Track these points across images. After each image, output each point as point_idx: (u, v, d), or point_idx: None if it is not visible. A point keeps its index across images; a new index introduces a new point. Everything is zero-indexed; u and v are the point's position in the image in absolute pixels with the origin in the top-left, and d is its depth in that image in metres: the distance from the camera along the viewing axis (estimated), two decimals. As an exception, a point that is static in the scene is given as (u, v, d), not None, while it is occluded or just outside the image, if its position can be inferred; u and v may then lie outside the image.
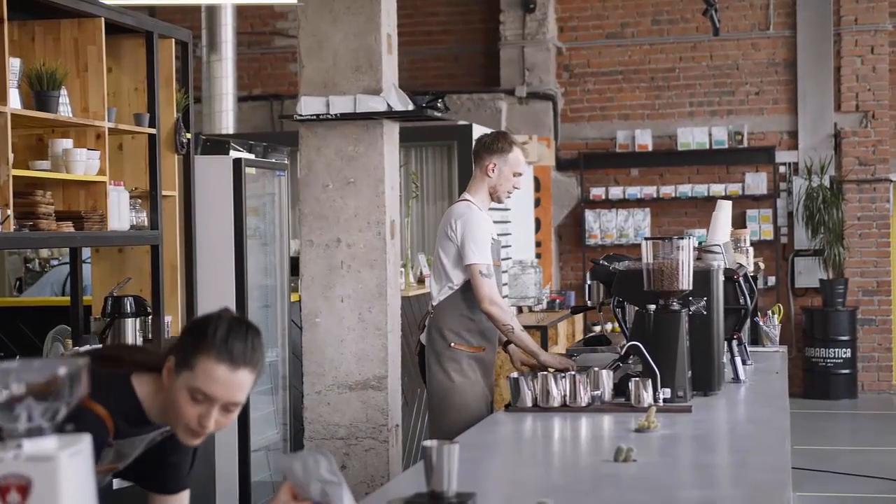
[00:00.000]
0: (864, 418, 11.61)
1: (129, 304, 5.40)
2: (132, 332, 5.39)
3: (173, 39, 5.87)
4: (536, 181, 12.36)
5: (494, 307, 5.08)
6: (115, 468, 2.75)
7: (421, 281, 8.17)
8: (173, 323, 5.83)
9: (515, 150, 5.29)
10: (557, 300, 11.15)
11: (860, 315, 12.44)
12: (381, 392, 5.79)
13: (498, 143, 5.30)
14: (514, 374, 4.37)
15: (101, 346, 4.99)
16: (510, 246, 10.62)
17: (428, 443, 2.74)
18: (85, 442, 1.82)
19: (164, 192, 5.71)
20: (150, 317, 5.55)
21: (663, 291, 4.42)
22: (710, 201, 12.47)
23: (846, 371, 12.21)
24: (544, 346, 9.08)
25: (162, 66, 5.68)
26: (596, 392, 4.29)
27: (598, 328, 12.12)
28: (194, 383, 2.56)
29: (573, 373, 4.34)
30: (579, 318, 11.32)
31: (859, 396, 12.31)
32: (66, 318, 5.67)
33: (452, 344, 5.19)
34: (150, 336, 5.59)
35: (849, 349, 12.19)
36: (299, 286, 5.82)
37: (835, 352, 12.17)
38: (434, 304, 5.30)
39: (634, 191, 12.79)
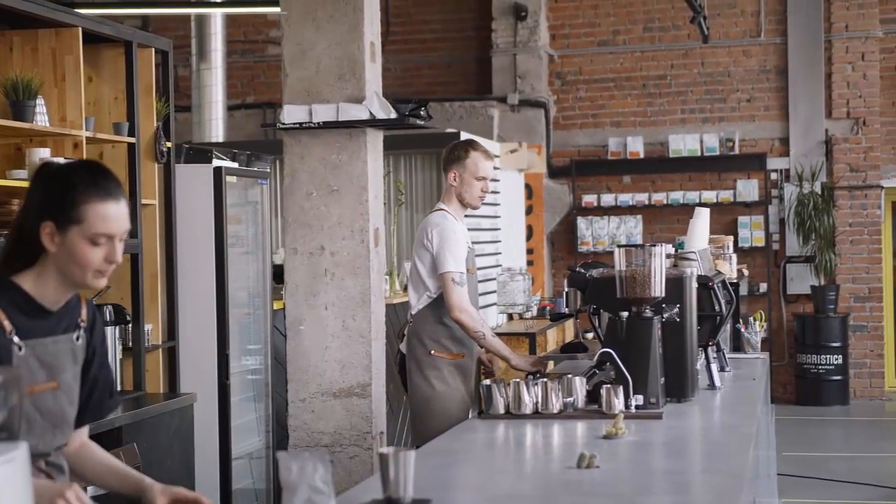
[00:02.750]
0: (855, 425, 11.61)
1: (108, 313, 5.41)
2: (112, 340, 5.41)
3: (153, 49, 5.89)
4: (528, 188, 12.39)
5: (464, 314, 5.16)
6: (53, 387, 2.72)
7: (407, 288, 8.19)
8: (153, 331, 5.85)
9: (473, 155, 5.38)
10: (548, 307, 11.16)
11: (852, 321, 12.45)
12: (365, 399, 5.80)
13: (454, 151, 5.44)
14: (487, 381, 4.39)
15: None
16: (500, 253, 10.64)
17: (384, 450, 2.76)
18: (21, 449, 1.84)
19: (144, 201, 5.73)
20: (129, 325, 5.56)
21: (636, 298, 4.43)
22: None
23: (838, 377, 12.21)
24: (532, 353, 9.09)
25: (141, 75, 5.71)
26: (569, 399, 4.30)
27: (590, 335, 12.12)
28: (91, 230, 2.65)
29: (545, 380, 4.35)
30: (570, 324, 11.33)
31: (851, 403, 12.31)
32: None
33: (432, 352, 5.29)
34: (130, 344, 5.60)
35: (840, 355, 12.19)
36: (283, 294, 5.84)
37: (826, 358, 12.17)
38: (413, 312, 5.39)
39: (626, 198, 12.81)
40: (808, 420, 11.54)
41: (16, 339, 2.65)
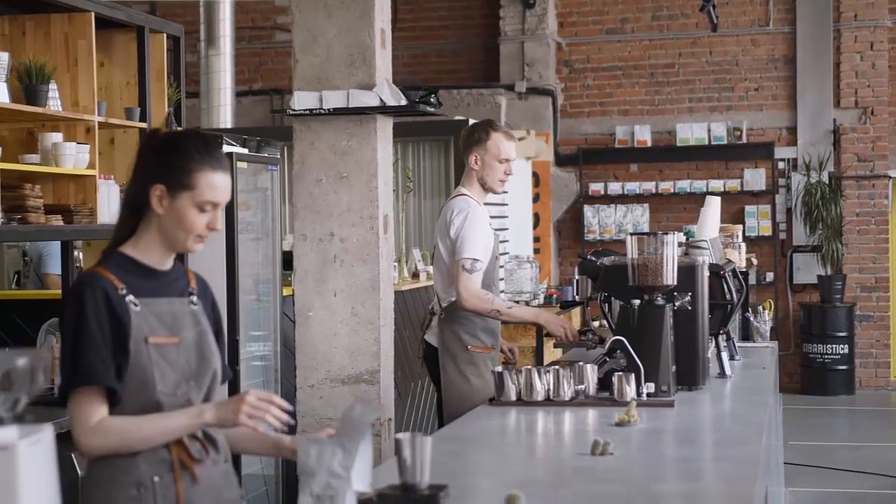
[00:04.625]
0: (861, 414, 11.63)
1: (119, 298, 5.41)
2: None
3: (165, 34, 5.89)
4: (535, 176, 12.38)
5: (472, 300, 5.04)
6: (175, 342, 2.84)
7: (416, 275, 8.20)
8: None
9: (494, 137, 5.22)
10: (555, 295, 11.16)
11: (858, 311, 12.46)
12: (373, 386, 5.80)
13: (475, 133, 5.26)
14: (499, 368, 4.39)
15: None
16: (507, 241, 10.64)
17: (400, 435, 2.76)
18: (47, 432, 1.85)
19: (155, 186, 5.73)
20: (140, 310, 5.56)
21: (648, 286, 4.42)
22: (708, 197, 12.46)
23: (844, 367, 12.22)
24: (539, 340, 9.07)
25: (153, 60, 5.70)
26: (580, 386, 4.30)
27: (596, 323, 12.12)
28: (201, 198, 2.80)
29: (557, 367, 4.35)
30: (577, 312, 11.33)
31: (857, 392, 12.33)
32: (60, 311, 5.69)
33: (470, 346, 5.16)
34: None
35: (846, 345, 12.20)
36: (292, 280, 5.85)
37: (832, 348, 12.18)
38: (444, 304, 5.22)
39: (633, 186, 12.81)
40: (813, 409, 11.55)
41: (130, 296, 2.79)
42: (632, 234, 4.48)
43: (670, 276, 4.43)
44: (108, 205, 5.27)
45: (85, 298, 2.75)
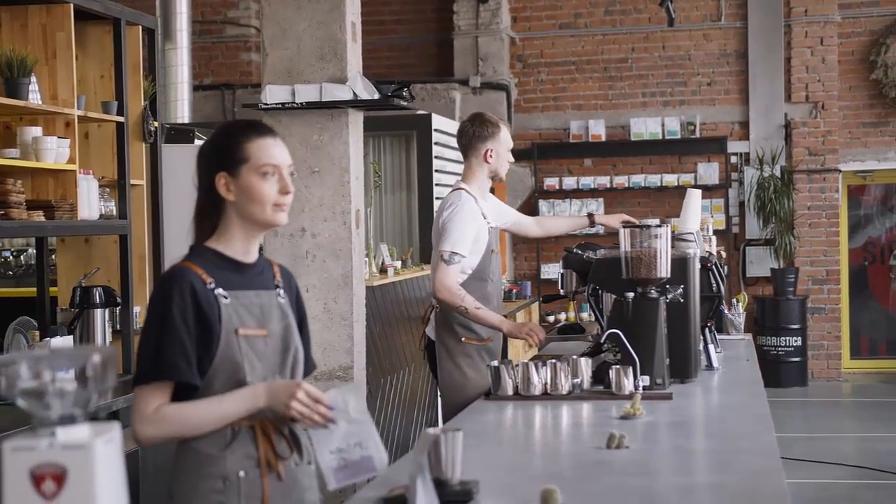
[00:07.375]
0: (814, 405, 11.76)
1: (97, 295, 5.33)
2: (101, 322, 5.32)
3: (140, 27, 5.80)
4: (490, 171, 12.35)
5: (443, 292, 5.03)
6: (264, 334, 2.85)
7: (383, 271, 8.15)
8: (142, 313, 5.76)
9: (502, 128, 5.34)
10: (514, 290, 11.19)
11: (810, 304, 12.60)
12: (346, 382, 5.78)
13: (487, 128, 5.29)
14: (495, 363, 4.37)
15: None
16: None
17: (432, 430, 2.74)
18: (115, 430, 1.80)
19: (132, 181, 5.64)
20: (118, 307, 5.48)
21: (641, 279, 4.43)
22: (662, 191, 12.57)
23: (797, 359, 12.36)
24: (504, 338, 9.05)
25: (129, 53, 5.61)
26: (576, 380, 4.30)
27: (551, 318, 12.17)
28: (258, 163, 2.82)
29: (554, 361, 4.33)
30: (535, 307, 11.37)
31: (809, 384, 12.47)
32: (32, 310, 5.59)
33: (463, 339, 5.17)
34: (118, 327, 5.52)
35: (799, 337, 12.34)
36: (265, 276, 5.77)
37: (785, 340, 12.31)
38: (439, 297, 5.15)
39: (588, 181, 12.84)
40: (768, 401, 11.64)
41: (219, 290, 2.80)
42: (625, 227, 4.48)
43: (664, 269, 4.43)
44: (88, 200, 5.18)
45: (172, 294, 2.76)
